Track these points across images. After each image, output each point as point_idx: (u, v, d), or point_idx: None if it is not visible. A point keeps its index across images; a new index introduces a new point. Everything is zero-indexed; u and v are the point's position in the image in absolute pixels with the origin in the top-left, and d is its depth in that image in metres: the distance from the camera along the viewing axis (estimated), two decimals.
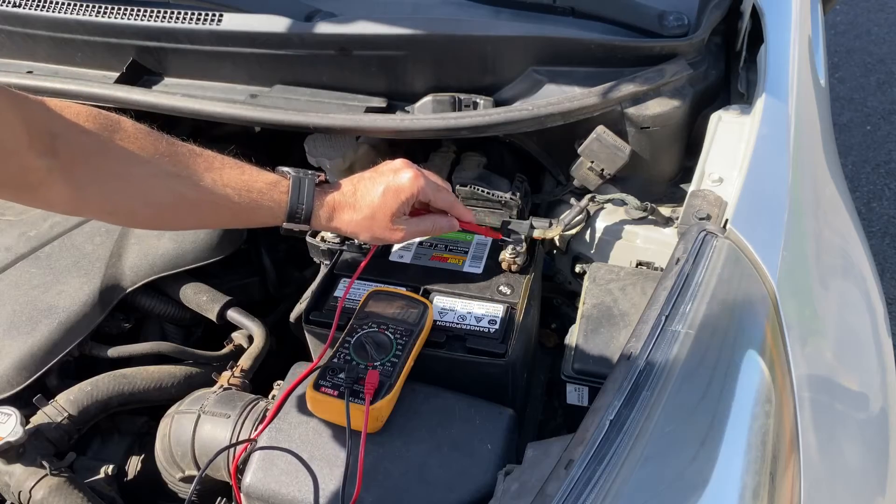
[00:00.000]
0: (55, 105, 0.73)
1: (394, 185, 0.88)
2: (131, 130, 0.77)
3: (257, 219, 0.86)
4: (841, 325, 0.96)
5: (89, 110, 0.75)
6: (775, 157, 0.95)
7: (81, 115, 0.74)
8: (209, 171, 0.81)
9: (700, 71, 1.02)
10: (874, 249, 1.94)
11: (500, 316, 0.89)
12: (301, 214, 0.86)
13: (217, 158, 0.83)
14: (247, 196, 0.83)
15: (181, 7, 1.11)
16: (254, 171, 0.85)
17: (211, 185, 0.81)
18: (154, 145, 0.78)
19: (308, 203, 0.86)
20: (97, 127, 0.75)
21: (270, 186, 0.85)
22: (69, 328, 0.99)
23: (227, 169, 0.83)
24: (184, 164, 0.80)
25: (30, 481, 0.86)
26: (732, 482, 0.66)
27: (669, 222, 1.00)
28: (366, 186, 0.89)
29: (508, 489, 0.71)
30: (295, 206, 0.85)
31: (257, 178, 0.84)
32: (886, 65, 3.31)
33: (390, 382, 0.80)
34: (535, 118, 0.97)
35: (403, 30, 1.03)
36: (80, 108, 0.75)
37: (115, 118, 0.77)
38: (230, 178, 0.82)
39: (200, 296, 1.11)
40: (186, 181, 0.80)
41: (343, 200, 0.88)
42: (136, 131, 0.78)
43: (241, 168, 0.84)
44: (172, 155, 0.80)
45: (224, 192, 0.82)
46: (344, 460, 0.75)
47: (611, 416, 0.65)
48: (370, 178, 0.90)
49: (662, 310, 0.74)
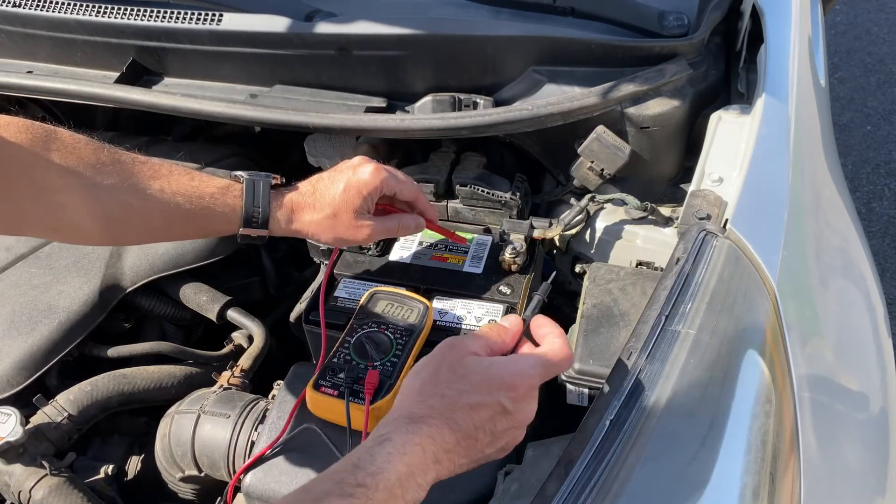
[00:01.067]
0: None
1: (355, 180, 0.84)
2: (69, 141, 0.74)
3: (212, 226, 0.83)
4: (841, 325, 0.96)
5: (20, 122, 0.72)
6: (775, 157, 0.95)
7: (11, 128, 0.71)
8: (156, 178, 0.78)
9: (700, 71, 1.02)
10: (874, 249, 1.95)
11: (500, 316, 0.89)
12: (258, 218, 0.82)
13: (164, 166, 0.80)
14: (198, 202, 0.79)
15: (181, 7, 1.11)
16: (204, 176, 0.82)
17: (158, 194, 0.78)
18: (95, 155, 0.75)
19: (264, 206, 0.82)
20: (30, 138, 0.71)
21: (222, 191, 0.81)
22: (69, 328, 0.99)
23: (175, 176, 0.79)
24: (128, 173, 0.77)
25: (30, 481, 0.86)
26: (732, 482, 0.66)
27: (669, 222, 1.00)
28: (325, 185, 0.85)
29: (508, 489, 0.71)
30: (250, 209, 0.82)
31: (208, 184, 0.81)
32: (886, 65, 3.31)
33: (390, 382, 0.80)
34: (535, 118, 0.97)
35: (403, 30, 1.03)
36: (10, 120, 0.71)
37: (49, 129, 0.73)
38: (179, 185, 0.79)
39: (200, 296, 1.11)
40: (132, 190, 0.76)
41: (302, 201, 0.85)
42: (75, 142, 0.74)
43: (191, 174, 0.81)
44: (115, 164, 0.76)
45: (174, 200, 0.78)
46: None
47: (611, 416, 0.65)
48: (329, 176, 0.86)
49: (662, 310, 0.74)
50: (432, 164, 1.10)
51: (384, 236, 0.91)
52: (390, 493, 0.55)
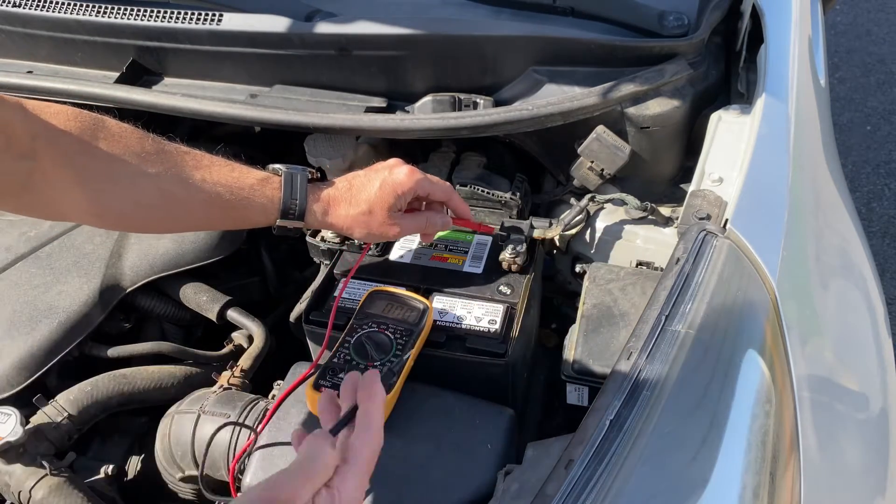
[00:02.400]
0: (33, 106, 0.71)
1: (390, 179, 0.86)
2: (115, 129, 0.75)
3: (250, 217, 0.84)
4: (841, 325, 0.96)
5: (70, 110, 0.73)
6: (775, 157, 0.95)
7: (61, 116, 0.72)
8: (198, 168, 0.79)
9: (700, 71, 1.02)
10: (874, 249, 1.94)
11: (500, 316, 0.89)
12: (295, 210, 0.84)
13: (206, 157, 0.81)
14: (238, 193, 0.81)
15: (181, 7, 1.11)
16: (244, 168, 0.83)
17: (200, 183, 0.79)
18: (140, 144, 0.76)
19: (301, 198, 0.84)
20: (79, 126, 0.73)
21: (262, 183, 0.83)
22: (69, 328, 0.99)
23: (216, 167, 0.81)
24: (172, 163, 0.78)
25: (30, 481, 0.86)
26: (732, 482, 0.66)
27: (669, 222, 1.00)
28: (361, 182, 0.87)
29: (508, 489, 0.71)
30: (288, 201, 0.83)
31: (248, 175, 0.83)
32: (886, 65, 3.31)
33: (390, 382, 0.80)
34: (535, 118, 0.97)
35: (403, 30, 1.03)
36: (60, 108, 0.73)
37: (97, 117, 0.75)
38: (220, 176, 0.80)
39: (200, 296, 1.11)
40: (175, 179, 0.78)
41: (338, 195, 0.87)
42: (121, 130, 0.76)
43: (231, 166, 0.82)
44: (159, 153, 0.77)
45: (215, 190, 0.80)
46: None
47: (611, 416, 0.65)
48: (365, 174, 0.88)
49: (662, 310, 0.74)
50: (432, 164, 1.10)
51: (412, 233, 0.93)
52: None
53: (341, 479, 0.60)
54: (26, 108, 0.70)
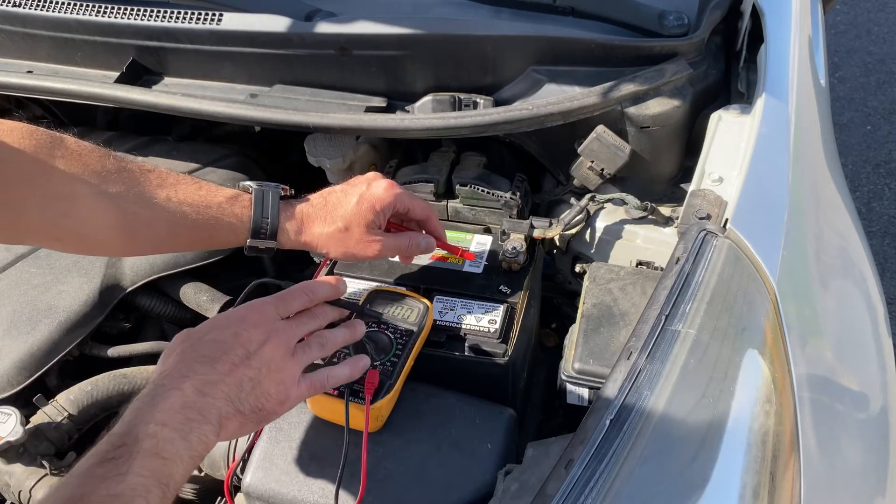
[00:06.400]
0: None
1: (368, 194, 0.82)
2: (74, 148, 0.72)
3: (219, 237, 0.81)
4: (841, 325, 0.96)
5: (25, 127, 0.70)
6: (775, 157, 0.95)
7: (15, 133, 0.69)
8: (162, 187, 0.76)
9: (700, 70, 1.02)
10: (874, 249, 1.94)
11: (500, 316, 0.89)
12: (266, 229, 0.80)
13: (171, 175, 0.78)
14: (205, 213, 0.78)
15: (181, 7, 1.11)
16: (212, 186, 0.80)
17: (165, 203, 0.76)
18: (100, 163, 0.73)
19: (273, 217, 0.80)
20: (34, 144, 0.69)
21: (231, 201, 0.80)
22: (69, 328, 0.99)
23: (182, 185, 0.78)
24: (134, 182, 0.75)
25: (30, 481, 0.86)
26: (732, 482, 0.66)
27: (669, 222, 1.00)
28: (337, 198, 0.83)
29: (508, 489, 0.71)
30: (259, 220, 0.80)
31: (216, 193, 0.79)
32: (886, 65, 3.31)
33: (390, 382, 0.80)
34: (535, 118, 0.97)
35: (403, 30, 1.03)
36: (14, 125, 0.70)
37: (55, 135, 0.72)
38: (186, 195, 0.77)
39: (200, 295, 1.10)
40: (138, 199, 0.74)
41: (313, 212, 0.83)
42: (80, 149, 0.73)
43: (199, 184, 0.79)
44: (121, 172, 0.74)
45: (180, 209, 0.76)
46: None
47: (611, 416, 0.65)
48: (342, 189, 0.85)
49: (662, 309, 0.74)
50: (432, 164, 1.10)
51: (394, 254, 0.89)
52: (156, 438, 0.55)
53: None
54: None
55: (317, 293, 0.76)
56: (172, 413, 0.57)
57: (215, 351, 0.63)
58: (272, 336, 0.67)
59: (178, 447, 0.56)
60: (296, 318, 0.74)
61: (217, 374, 0.62)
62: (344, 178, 1.06)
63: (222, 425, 0.60)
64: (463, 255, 0.96)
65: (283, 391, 0.66)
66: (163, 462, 0.54)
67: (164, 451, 0.55)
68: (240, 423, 0.63)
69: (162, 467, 0.54)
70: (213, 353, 0.63)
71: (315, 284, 0.77)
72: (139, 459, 0.53)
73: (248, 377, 0.64)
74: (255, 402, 0.64)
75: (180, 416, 0.57)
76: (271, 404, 0.65)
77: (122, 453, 0.54)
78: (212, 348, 0.64)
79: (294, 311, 0.74)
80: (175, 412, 0.57)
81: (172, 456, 0.55)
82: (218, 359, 0.63)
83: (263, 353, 0.66)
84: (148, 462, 0.54)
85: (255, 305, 0.71)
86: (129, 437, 0.55)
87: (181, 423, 0.57)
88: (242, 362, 0.64)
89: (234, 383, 0.62)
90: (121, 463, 0.53)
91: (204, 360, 0.62)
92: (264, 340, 0.66)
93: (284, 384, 0.67)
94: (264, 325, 0.68)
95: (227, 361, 0.63)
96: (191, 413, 0.58)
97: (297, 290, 0.75)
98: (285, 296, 0.74)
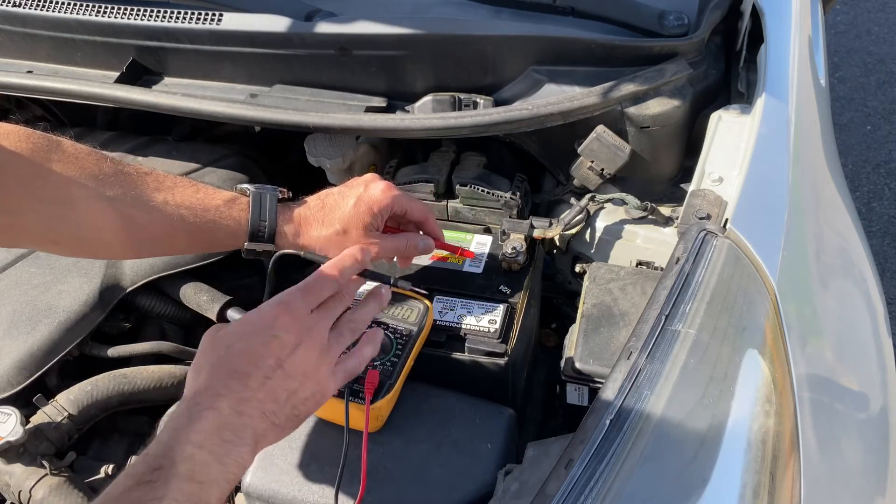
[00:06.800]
0: None
1: (366, 196, 0.82)
2: (71, 151, 0.72)
3: (217, 240, 0.81)
4: (841, 325, 0.96)
5: (22, 130, 0.70)
6: (775, 157, 0.95)
7: (12, 136, 0.69)
8: (159, 190, 0.76)
9: (700, 70, 1.02)
10: (874, 249, 1.94)
11: (500, 316, 0.89)
12: (264, 232, 0.80)
13: (168, 178, 0.78)
14: (203, 216, 0.78)
15: (181, 7, 1.11)
16: (209, 189, 0.80)
17: (162, 206, 0.76)
18: (97, 166, 0.73)
19: (271, 220, 0.80)
20: (31, 148, 0.69)
21: (228, 204, 0.80)
22: (69, 328, 0.98)
23: (179, 188, 0.77)
24: (131, 185, 0.75)
25: (30, 481, 0.86)
26: (732, 482, 0.66)
27: (669, 222, 1.00)
28: (335, 200, 0.83)
29: (508, 489, 0.71)
30: (256, 223, 0.80)
31: (213, 196, 0.79)
32: (886, 65, 3.31)
33: (390, 382, 0.80)
34: (535, 118, 0.97)
35: (403, 30, 1.03)
36: (10, 129, 0.69)
37: (52, 139, 0.72)
38: (183, 198, 0.77)
39: (200, 295, 1.10)
40: (135, 202, 0.74)
41: (310, 215, 0.83)
42: (77, 152, 0.73)
43: (196, 187, 0.79)
44: (118, 175, 0.74)
45: (178, 213, 0.76)
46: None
47: (611, 416, 0.65)
48: (339, 191, 0.85)
49: (662, 309, 0.74)
50: (432, 164, 1.10)
51: (392, 255, 0.89)
52: (193, 462, 0.54)
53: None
54: None
55: (345, 274, 0.72)
56: (208, 435, 0.56)
57: (247, 365, 0.61)
58: (304, 339, 0.65)
59: (214, 471, 0.55)
60: (324, 306, 0.70)
61: (250, 390, 0.60)
62: (344, 178, 1.06)
63: (258, 442, 0.60)
64: (463, 254, 0.96)
65: (320, 391, 0.65)
66: (199, 487, 0.54)
67: (201, 475, 0.54)
68: (276, 435, 0.62)
69: (198, 492, 0.53)
70: (245, 368, 0.61)
71: (342, 264, 0.72)
72: (175, 483, 0.53)
73: (283, 388, 0.62)
74: (292, 411, 0.63)
75: (216, 439, 0.57)
76: (308, 407, 0.64)
77: (158, 476, 0.53)
78: (243, 361, 0.61)
79: (324, 299, 0.70)
80: (211, 434, 0.57)
81: (209, 480, 0.54)
82: (250, 374, 0.61)
83: (296, 359, 0.63)
84: (184, 486, 0.53)
85: (284, 303, 0.66)
86: (165, 460, 0.54)
87: (217, 446, 0.56)
88: (276, 373, 0.62)
89: (268, 398, 0.61)
90: (157, 487, 0.52)
91: (237, 376, 0.61)
92: (297, 344, 0.64)
93: (321, 384, 0.65)
94: (295, 327, 0.65)
95: (259, 376, 0.61)
96: (227, 434, 0.57)
97: (326, 278, 0.70)
98: (314, 286, 0.69)
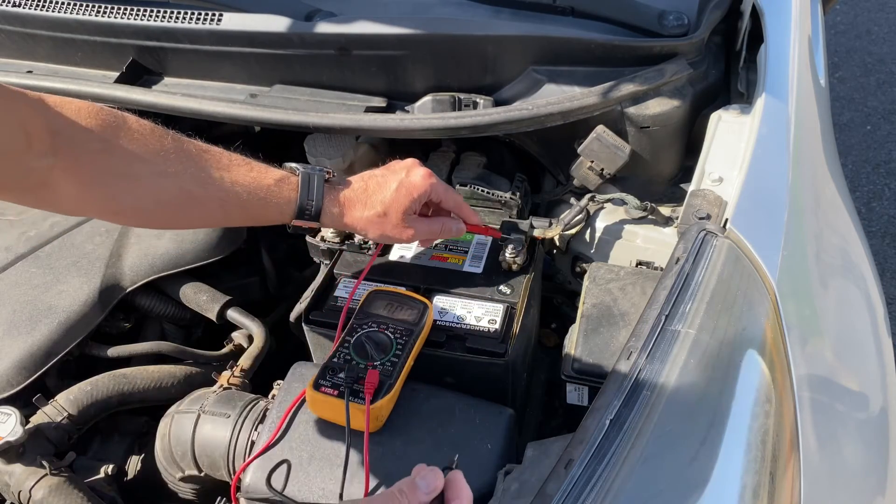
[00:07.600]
0: (54, 102, 0.71)
1: (407, 182, 0.87)
2: (136, 127, 0.76)
3: (266, 216, 0.85)
4: (841, 325, 0.96)
5: (91, 106, 0.74)
6: (775, 157, 0.95)
7: (83, 112, 0.72)
8: (217, 168, 0.80)
9: (700, 70, 1.02)
10: (874, 249, 1.94)
11: (500, 316, 0.89)
12: (311, 211, 0.85)
13: (224, 155, 0.82)
14: (256, 193, 0.82)
15: (181, 7, 1.11)
16: (261, 167, 0.84)
17: (219, 183, 0.80)
18: (160, 142, 0.77)
19: (318, 199, 0.85)
20: (100, 124, 0.73)
21: (279, 183, 0.84)
22: (69, 328, 0.99)
23: (234, 166, 0.82)
24: (191, 162, 0.79)
25: (30, 481, 0.86)
26: (732, 482, 0.66)
27: (669, 222, 1.00)
28: (377, 183, 0.88)
29: (508, 489, 0.71)
30: (304, 202, 0.84)
31: (266, 175, 0.84)
32: (886, 65, 3.31)
33: (390, 382, 0.80)
34: (535, 118, 0.97)
35: (403, 30, 1.03)
36: (82, 105, 0.73)
37: (118, 115, 0.75)
38: (238, 176, 0.81)
39: (200, 295, 1.10)
40: (194, 179, 0.79)
41: (354, 197, 0.87)
42: (141, 128, 0.76)
43: (250, 165, 0.83)
44: (179, 152, 0.78)
45: (233, 190, 0.81)
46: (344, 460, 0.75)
47: (611, 416, 0.65)
48: (381, 174, 0.89)
49: (662, 309, 0.74)
50: (432, 164, 1.10)
51: (426, 237, 0.93)
52: None
53: None
54: (48, 105, 0.70)
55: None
56: None
57: None
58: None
59: None
60: None
61: None
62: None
63: None
64: (494, 234, 0.98)
65: None
66: None
67: None
68: None
69: None
70: None
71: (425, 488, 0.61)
72: None
73: None
74: None
75: None
76: None
77: None
78: None
79: None
80: None
81: None
82: None
83: None
84: None
85: None
86: None
87: None
88: None
89: None
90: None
91: None
92: None
93: None
94: None
95: None
96: None
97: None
98: None
